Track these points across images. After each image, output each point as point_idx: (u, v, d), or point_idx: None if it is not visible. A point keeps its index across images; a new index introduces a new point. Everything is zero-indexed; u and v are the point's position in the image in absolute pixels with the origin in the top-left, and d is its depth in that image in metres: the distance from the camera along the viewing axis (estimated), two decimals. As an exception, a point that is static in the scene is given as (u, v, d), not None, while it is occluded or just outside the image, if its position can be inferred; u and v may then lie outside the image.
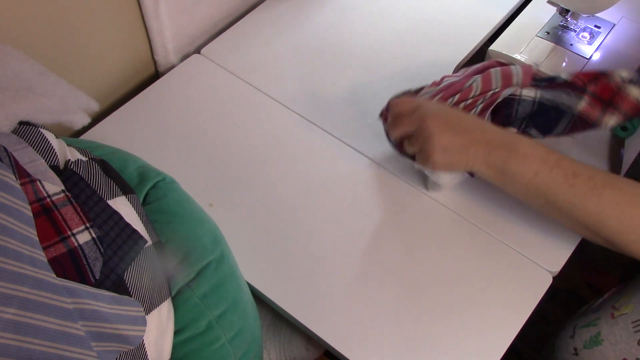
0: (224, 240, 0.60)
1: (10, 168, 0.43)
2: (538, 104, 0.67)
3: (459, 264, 0.68)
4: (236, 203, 0.71)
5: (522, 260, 0.68)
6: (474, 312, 0.65)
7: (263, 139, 0.77)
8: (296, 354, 0.72)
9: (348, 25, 0.91)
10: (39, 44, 0.66)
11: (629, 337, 0.65)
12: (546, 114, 0.68)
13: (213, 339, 0.53)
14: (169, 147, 0.75)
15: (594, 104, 0.66)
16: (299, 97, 0.81)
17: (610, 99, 0.65)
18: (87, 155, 0.55)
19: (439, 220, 0.71)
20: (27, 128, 0.50)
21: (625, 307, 0.67)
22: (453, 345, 0.63)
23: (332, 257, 0.68)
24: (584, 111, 0.66)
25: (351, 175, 0.74)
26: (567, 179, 0.60)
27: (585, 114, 0.66)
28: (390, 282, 0.66)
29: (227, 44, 0.87)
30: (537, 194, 0.63)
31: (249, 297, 0.61)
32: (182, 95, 0.81)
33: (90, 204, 0.48)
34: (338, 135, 0.78)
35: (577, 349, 0.71)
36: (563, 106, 0.67)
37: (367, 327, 0.63)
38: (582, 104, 0.66)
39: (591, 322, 0.71)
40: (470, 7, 0.94)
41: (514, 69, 0.68)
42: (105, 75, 0.79)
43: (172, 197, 0.59)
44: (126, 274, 0.47)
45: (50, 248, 0.43)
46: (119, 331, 0.43)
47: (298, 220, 0.70)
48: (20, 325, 0.35)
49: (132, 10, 0.75)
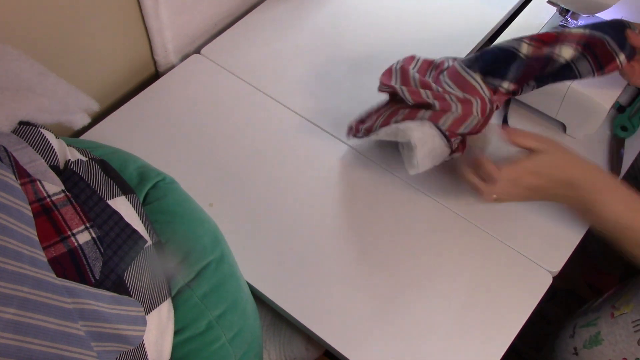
0: (224, 240, 0.60)
1: (10, 168, 0.43)
2: (482, 52, 0.68)
3: (459, 264, 0.68)
4: (236, 203, 0.71)
5: (522, 260, 0.68)
6: (474, 312, 0.65)
7: (263, 139, 0.77)
8: (296, 354, 0.72)
9: (348, 25, 0.91)
10: (39, 44, 0.66)
11: (629, 336, 0.65)
12: (494, 59, 0.67)
13: (213, 339, 0.53)
14: (169, 147, 0.75)
15: (537, 45, 0.67)
16: (299, 97, 0.81)
17: (552, 40, 0.67)
18: (87, 155, 0.55)
19: (439, 220, 0.71)
20: (27, 128, 0.50)
21: (625, 306, 0.67)
22: (453, 345, 0.63)
23: (332, 257, 0.68)
24: (531, 52, 0.67)
25: (351, 176, 0.74)
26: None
27: (534, 53, 0.67)
28: (390, 282, 0.66)
29: (227, 44, 0.87)
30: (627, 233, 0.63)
31: (249, 297, 0.61)
32: (182, 95, 0.81)
33: (90, 204, 0.48)
34: (338, 135, 0.78)
35: (577, 348, 0.71)
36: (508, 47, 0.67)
37: (367, 327, 0.63)
38: (524, 46, 0.67)
39: (591, 321, 0.71)
40: (470, 7, 0.94)
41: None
42: (105, 75, 0.79)
43: (172, 197, 0.59)
44: (126, 274, 0.47)
45: (50, 248, 0.43)
46: (119, 331, 0.43)
47: (298, 221, 0.70)
48: (20, 325, 0.35)
49: (132, 10, 0.75)
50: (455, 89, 0.66)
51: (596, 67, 0.67)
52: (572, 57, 0.66)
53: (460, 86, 0.66)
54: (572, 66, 0.67)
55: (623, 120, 0.80)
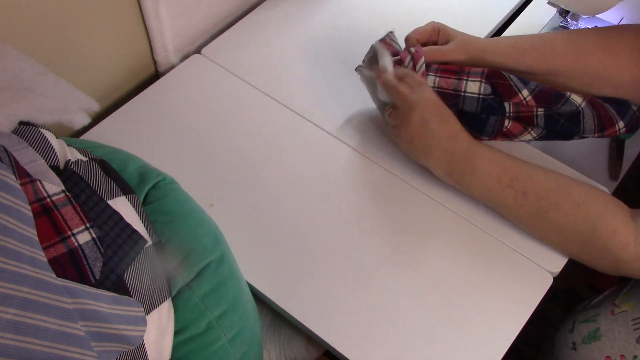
0: (224, 241, 0.60)
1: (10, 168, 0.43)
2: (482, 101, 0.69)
3: (459, 264, 0.68)
4: (236, 203, 0.71)
5: (522, 261, 0.68)
6: (475, 312, 0.65)
7: (263, 139, 0.77)
8: (296, 354, 0.72)
9: (348, 25, 0.91)
10: (39, 44, 0.66)
11: (628, 334, 0.65)
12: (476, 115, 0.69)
13: (213, 339, 0.53)
14: (169, 147, 0.75)
15: (444, 76, 0.69)
16: (299, 97, 0.81)
17: (458, 71, 0.68)
18: (87, 155, 0.55)
19: (439, 220, 0.71)
20: (27, 128, 0.49)
21: (625, 304, 0.67)
22: (453, 345, 0.63)
23: (333, 257, 0.68)
24: (440, 83, 0.68)
25: (352, 176, 0.74)
26: (517, 199, 0.65)
27: (440, 87, 0.68)
28: (390, 282, 0.66)
29: (227, 44, 0.87)
30: (492, 207, 0.69)
31: (249, 297, 0.61)
32: (182, 95, 0.81)
33: (91, 204, 0.48)
34: (338, 136, 0.78)
35: (576, 343, 0.72)
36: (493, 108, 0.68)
37: (367, 327, 0.63)
38: (431, 79, 0.68)
39: (591, 317, 0.71)
40: (470, 7, 0.94)
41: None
42: (105, 75, 0.79)
43: (172, 197, 0.59)
44: (126, 274, 0.47)
45: (50, 248, 0.43)
46: (119, 331, 0.43)
47: (298, 220, 0.70)
48: (20, 325, 0.35)
49: (132, 10, 0.75)
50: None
51: (598, 128, 0.68)
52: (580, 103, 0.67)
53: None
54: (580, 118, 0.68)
55: (623, 120, 0.80)
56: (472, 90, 0.67)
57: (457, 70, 0.68)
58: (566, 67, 0.69)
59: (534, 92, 0.67)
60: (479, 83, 0.67)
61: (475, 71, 0.68)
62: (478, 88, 0.67)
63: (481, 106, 0.68)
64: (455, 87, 0.68)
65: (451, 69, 0.69)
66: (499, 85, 0.67)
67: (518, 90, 0.67)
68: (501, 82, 0.67)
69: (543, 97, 0.67)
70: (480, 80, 0.67)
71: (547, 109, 0.67)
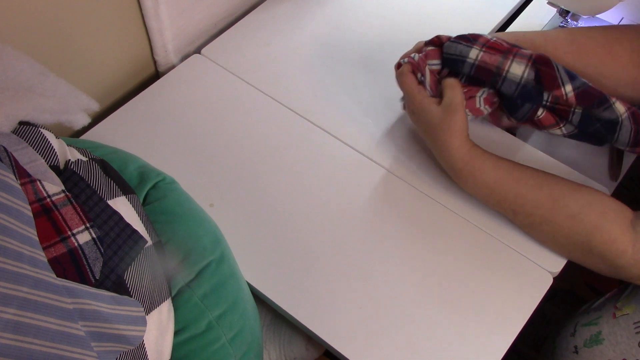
0: (224, 240, 0.60)
1: (10, 168, 0.43)
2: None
3: (459, 264, 0.68)
4: (236, 203, 0.71)
5: (522, 261, 0.68)
6: (475, 312, 0.65)
7: (263, 139, 0.77)
8: (296, 354, 0.72)
9: (348, 25, 0.91)
10: (39, 44, 0.66)
11: (630, 338, 0.65)
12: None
13: (213, 339, 0.53)
14: (169, 147, 0.75)
15: (490, 52, 0.66)
16: (299, 97, 0.81)
17: (505, 50, 0.65)
18: (87, 155, 0.55)
19: (439, 220, 0.71)
20: (27, 128, 0.49)
21: (627, 307, 0.67)
22: (453, 345, 0.63)
23: (333, 257, 0.68)
24: (483, 58, 0.66)
25: (352, 176, 0.74)
26: (508, 214, 0.68)
27: (483, 62, 0.66)
28: (390, 282, 0.66)
29: (227, 44, 0.87)
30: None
31: (249, 297, 0.61)
32: (182, 95, 0.81)
33: (91, 204, 0.48)
34: (338, 136, 0.78)
35: (578, 347, 0.71)
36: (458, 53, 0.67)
37: (367, 327, 0.63)
38: (475, 52, 0.66)
39: (592, 320, 0.71)
40: (470, 7, 0.94)
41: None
42: (105, 75, 0.79)
43: (172, 197, 0.59)
44: (126, 274, 0.47)
45: (50, 248, 0.43)
46: (119, 331, 0.43)
47: (298, 220, 0.70)
48: (20, 325, 0.35)
49: (132, 10, 0.75)
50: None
51: (633, 142, 0.65)
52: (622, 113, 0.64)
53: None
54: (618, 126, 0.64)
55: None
56: (515, 72, 0.64)
57: (504, 49, 0.65)
58: (566, 64, 0.69)
59: (578, 90, 0.64)
60: (524, 66, 0.64)
61: (523, 53, 0.65)
62: (522, 71, 0.64)
63: (520, 92, 0.65)
64: (498, 64, 0.64)
65: (499, 46, 0.65)
66: (543, 73, 0.64)
67: (562, 84, 0.64)
68: (547, 70, 0.64)
69: (586, 98, 0.64)
70: (527, 64, 0.64)
71: (586, 109, 0.64)
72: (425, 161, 0.75)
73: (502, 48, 0.65)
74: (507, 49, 0.65)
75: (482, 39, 0.66)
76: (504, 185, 0.66)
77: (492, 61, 0.65)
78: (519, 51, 0.65)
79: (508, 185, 0.66)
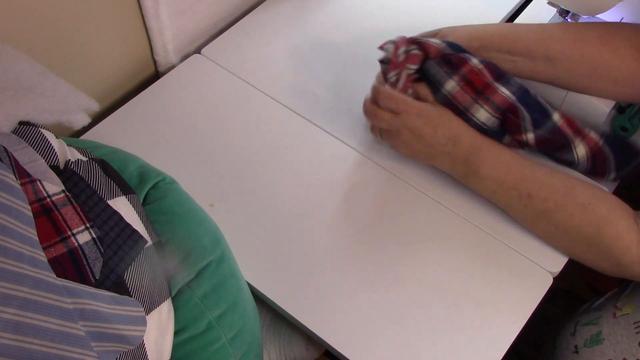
0: (224, 240, 0.60)
1: (10, 168, 0.43)
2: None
3: (459, 264, 0.68)
4: (236, 203, 0.71)
5: (522, 261, 0.68)
6: (475, 312, 0.65)
7: (263, 139, 0.77)
8: (296, 354, 0.72)
9: (348, 25, 0.91)
10: (39, 44, 0.66)
11: (630, 337, 0.65)
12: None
13: (213, 339, 0.53)
14: (169, 147, 0.75)
15: (464, 90, 0.66)
16: (299, 97, 0.81)
17: (482, 88, 0.66)
18: (87, 155, 0.55)
19: (439, 220, 0.71)
20: (27, 128, 0.49)
21: (627, 307, 0.67)
22: (453, 345, 0.63)
23: (333, 257, 0.68)
24: (456, 94, 0.67)
25: (352, 176, 0.74)
26: (522, 200, 0.66)
27: (454, 98, 0.67)
28: (390, 282, 0.66)
29: (227, 44, 0.87)
30: (499, 206, 0.70)
31: (249, 297, 0.61)
32: (182, 95, 0.81)
33: (91, 204, 0.48)
34: (338, 136, 0.78)
35: (578, 346, 0.71)
36: (437, 78, 0.67)
37: (367, 327, 0.63)
38: (452, 84, 0.67)
39: (593, 320, 0.71)
40: (471, 8, 0.94)
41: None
42: (105, 75, 0.79)
43: (172, 197, 0.59)
44: (126, 274, 0.47)
45: (51, 248, 0.43)
46: (119, 331, 0.43)
47: (298, 220, 0.70)
48: (20, 325, 0.35)
49: (132, 10, 0.75)
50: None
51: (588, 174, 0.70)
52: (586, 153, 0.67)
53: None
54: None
55: (623, 121, 0.80)
56: (480, 118, 0.66)
57: (481, 86, 0.66)
58: (564, 53, 0.68)
59: (541, 138, 0.66)
60: (489, 115, 0.66)
61: (494, 101, 0.66)
62: (487, 119, 0.66)
63: (482, 130, 0.68)
64: (467, 105, 0.66)
65: (478, 81, 0.66)
66: (509, 121, 0.66)
67: (525, 132, 0.66)
68: (513, 119, 0.66)
69: (547, 144, 0.67)
70: (493, 114, 0.66)
71: (545, 151, 0.68)
72: (425, 161, 0.75)
73: (480, 85, 0.66)
74: (481, 88, 0.66)
75: (465, 68, 0.66)
76: (521, 166, 0.66)
77: (462, 101, 0.66)
78: (493, 95, 0.66)
79: (525, 167, 0.66)
